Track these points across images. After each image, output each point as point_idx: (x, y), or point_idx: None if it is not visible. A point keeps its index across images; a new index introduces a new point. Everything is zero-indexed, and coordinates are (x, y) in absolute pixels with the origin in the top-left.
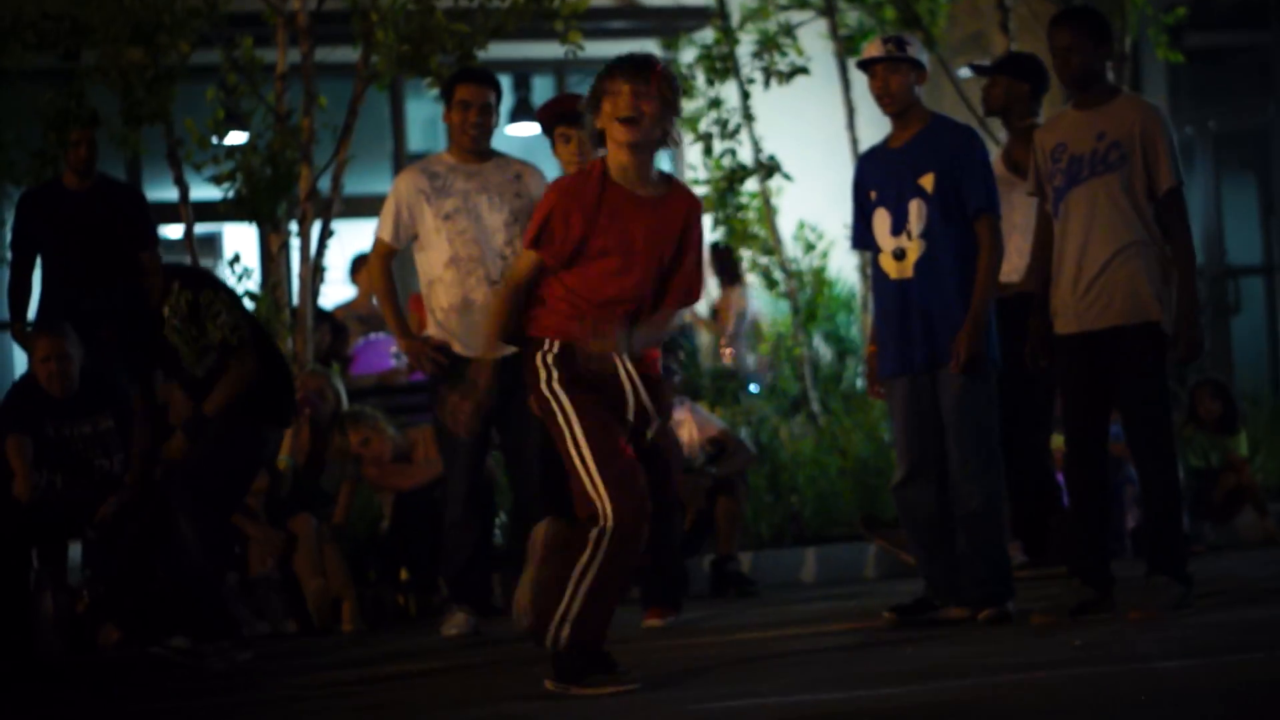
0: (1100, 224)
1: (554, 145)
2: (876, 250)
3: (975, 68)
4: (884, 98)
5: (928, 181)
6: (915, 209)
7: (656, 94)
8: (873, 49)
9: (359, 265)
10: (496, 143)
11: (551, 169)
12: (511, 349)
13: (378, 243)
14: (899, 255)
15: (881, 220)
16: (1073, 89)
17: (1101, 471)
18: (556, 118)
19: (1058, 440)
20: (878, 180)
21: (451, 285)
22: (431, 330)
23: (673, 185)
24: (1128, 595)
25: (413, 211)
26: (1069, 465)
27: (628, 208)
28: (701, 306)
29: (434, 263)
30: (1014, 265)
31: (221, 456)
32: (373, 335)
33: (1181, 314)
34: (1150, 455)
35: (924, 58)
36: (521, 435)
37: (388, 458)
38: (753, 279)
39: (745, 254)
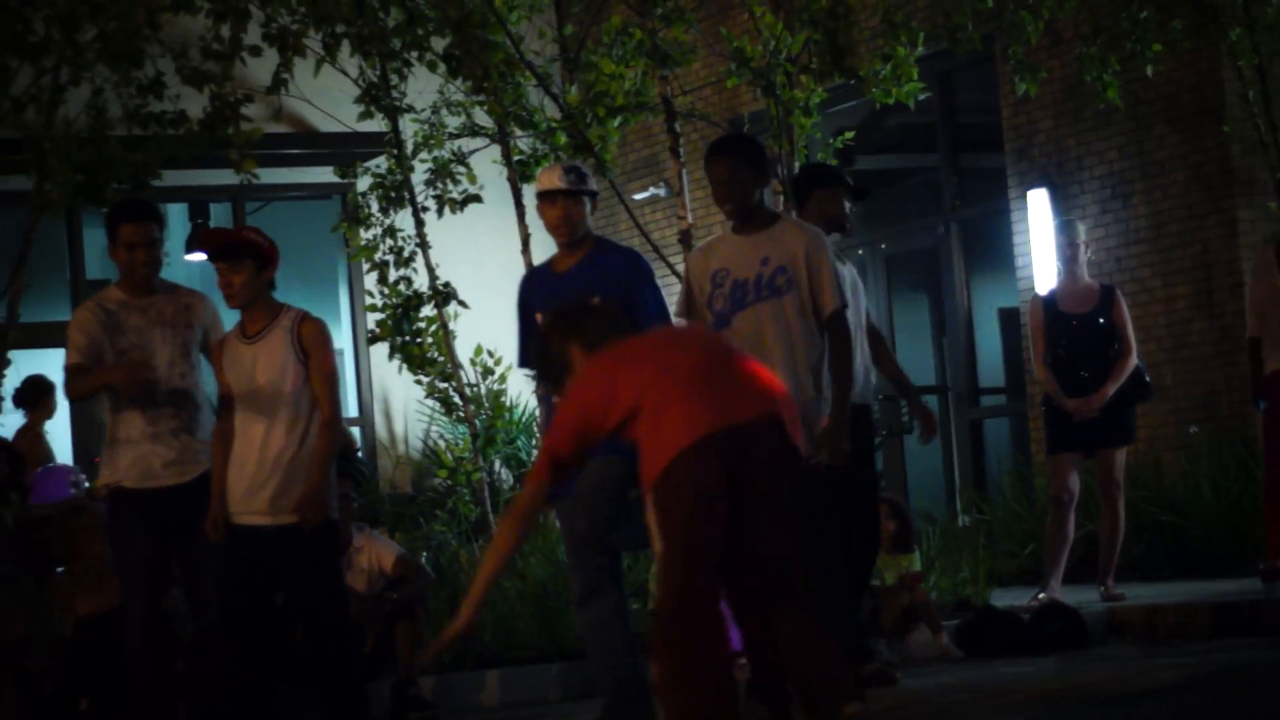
0: (767, 347)
1: None
2: None
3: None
4: (561, 227)
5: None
6: None
7: None
8: (551, 177)
9: (27, 393)
10: (174, 271)
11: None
12: (188, 477)
13: (68, 369)
14: None
15: None
16: (733, 219)
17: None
18: (212, 253)
19: None
20: (544, 305)
21: (131, 420)
22: (105, 461)
23: None
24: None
25: (96, 338)
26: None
27: None
28: None
29: (115, 395)
30: None
31: None
32: (50, 464)
33: (834, 421)
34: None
35: (595, 185)
36: (200, 563)
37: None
38: (431, 404)
39: (423, 379)
